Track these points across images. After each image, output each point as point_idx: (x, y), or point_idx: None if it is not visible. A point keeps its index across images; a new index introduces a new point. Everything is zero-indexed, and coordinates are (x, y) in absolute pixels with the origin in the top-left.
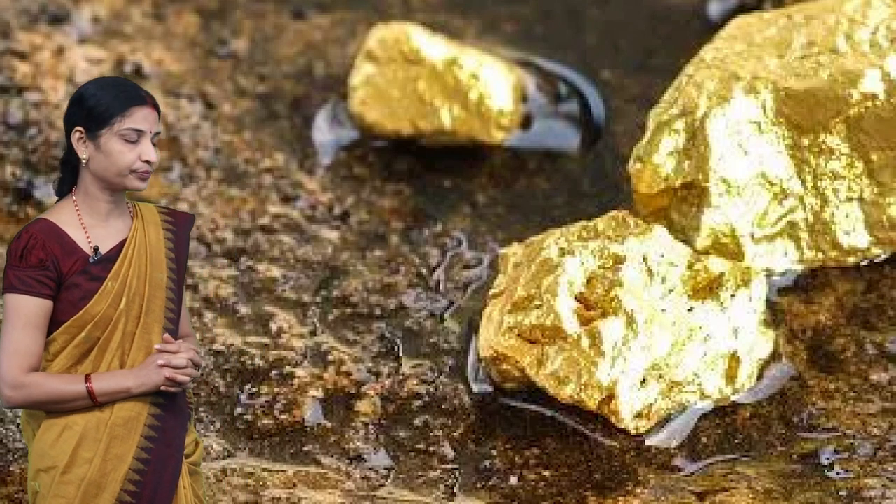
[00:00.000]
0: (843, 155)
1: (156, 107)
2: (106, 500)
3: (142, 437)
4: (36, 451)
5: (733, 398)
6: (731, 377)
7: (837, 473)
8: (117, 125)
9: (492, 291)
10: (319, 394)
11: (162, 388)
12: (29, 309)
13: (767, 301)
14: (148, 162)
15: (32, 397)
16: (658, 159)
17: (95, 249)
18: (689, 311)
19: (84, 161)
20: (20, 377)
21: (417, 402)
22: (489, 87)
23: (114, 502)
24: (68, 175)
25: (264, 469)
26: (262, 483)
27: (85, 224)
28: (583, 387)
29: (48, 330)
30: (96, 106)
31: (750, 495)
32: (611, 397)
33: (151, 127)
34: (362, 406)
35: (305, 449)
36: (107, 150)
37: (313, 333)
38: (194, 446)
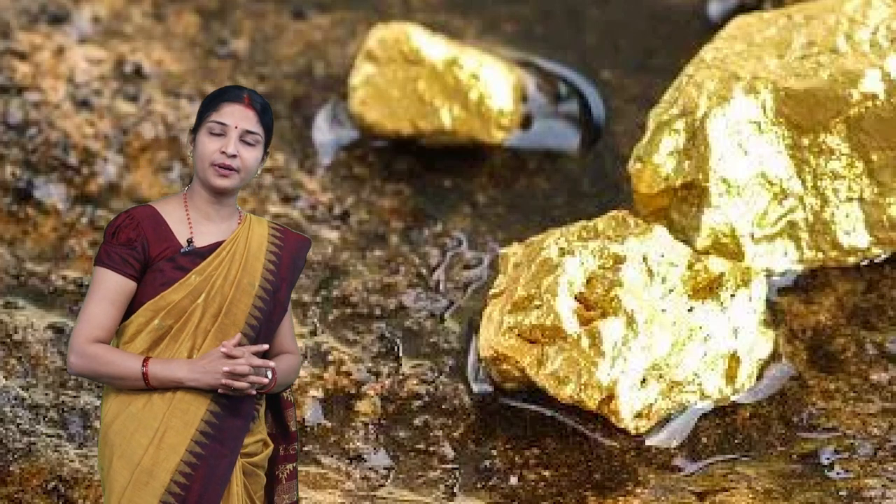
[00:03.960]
0: (843, 155)
1: (254, 107)
2: (155, 489)
3: (197, 432)
4: (101, 425)
5: (733, 398)
6: (731, 377)
7: (837, 473)
8: (208, 120)
9: (492, 291)
10: (319, 394)
11: (219, 391)
12: (109, 283)
13: (767, 301)
14: (228, 156)
15: (91, 367)
16: (658, 159)
17: (189, 241)
18: (689, 311)
19: (190, 158)
20: (84, 346)
21: (417, 402)
22: (489, 87)
23: (162, 492)
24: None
25: None
26: None
27: (191, 218)
28: (583, 387)
29: (130, 311)
30: (201, 106)
31: (750, 495)
32: (611, 397)
33: (238, 123)
34: (362, 406)
35: (305, 449)
36: (198, 143)
37: (313, 333)
38: (261, 446)
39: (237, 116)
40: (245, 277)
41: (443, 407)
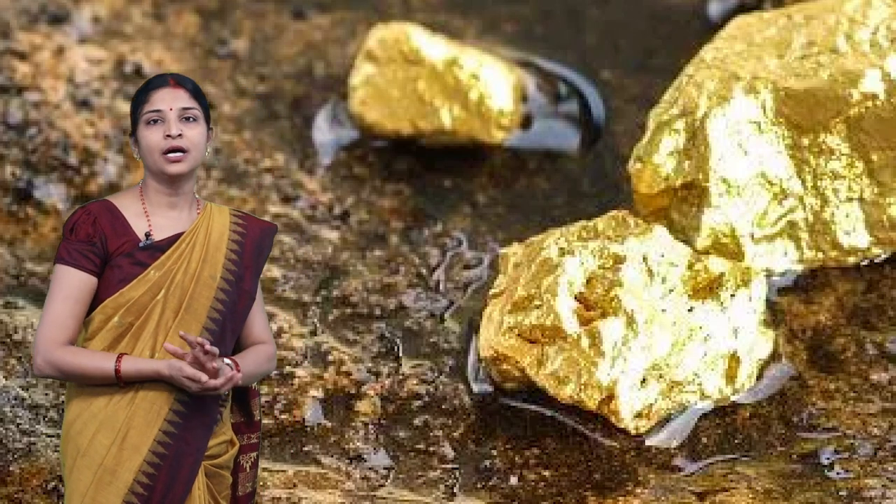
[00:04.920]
0: (843, 155)
1: (184, 85)
2: (118, 488)
3: (160, 431)
4: (63, 423)
5: (733, 398)
6: (731, 377)
7: (837, 473)
8: (142, 114)
9: (492, 291)
10: (319, 394)
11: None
12: (70, 281)
13: (767, 301)
14: (174, 138)
15: (61, 370)
16: (658, 159)
17: (147, 235)
18: (689, 311)
19: (138, 159)
20: (52, 349)
21: (417, 402)
22: (489, 87)
23: (126, 492)
24: None
25: (264, 469)
26: (262, 483)
27: (147, 211)
28: (583, 387)
29: (92, 307)
30: (131, 109)
31: (750, 495)
32: (611, 397)
33: (172, 104)
34: (362, 406)
35: (305, 449)
36: (140, 139)
37: (313, 333)
38: (226, 447)
39: (168, 99)
40: (206, 270)
41: (443, 407)
